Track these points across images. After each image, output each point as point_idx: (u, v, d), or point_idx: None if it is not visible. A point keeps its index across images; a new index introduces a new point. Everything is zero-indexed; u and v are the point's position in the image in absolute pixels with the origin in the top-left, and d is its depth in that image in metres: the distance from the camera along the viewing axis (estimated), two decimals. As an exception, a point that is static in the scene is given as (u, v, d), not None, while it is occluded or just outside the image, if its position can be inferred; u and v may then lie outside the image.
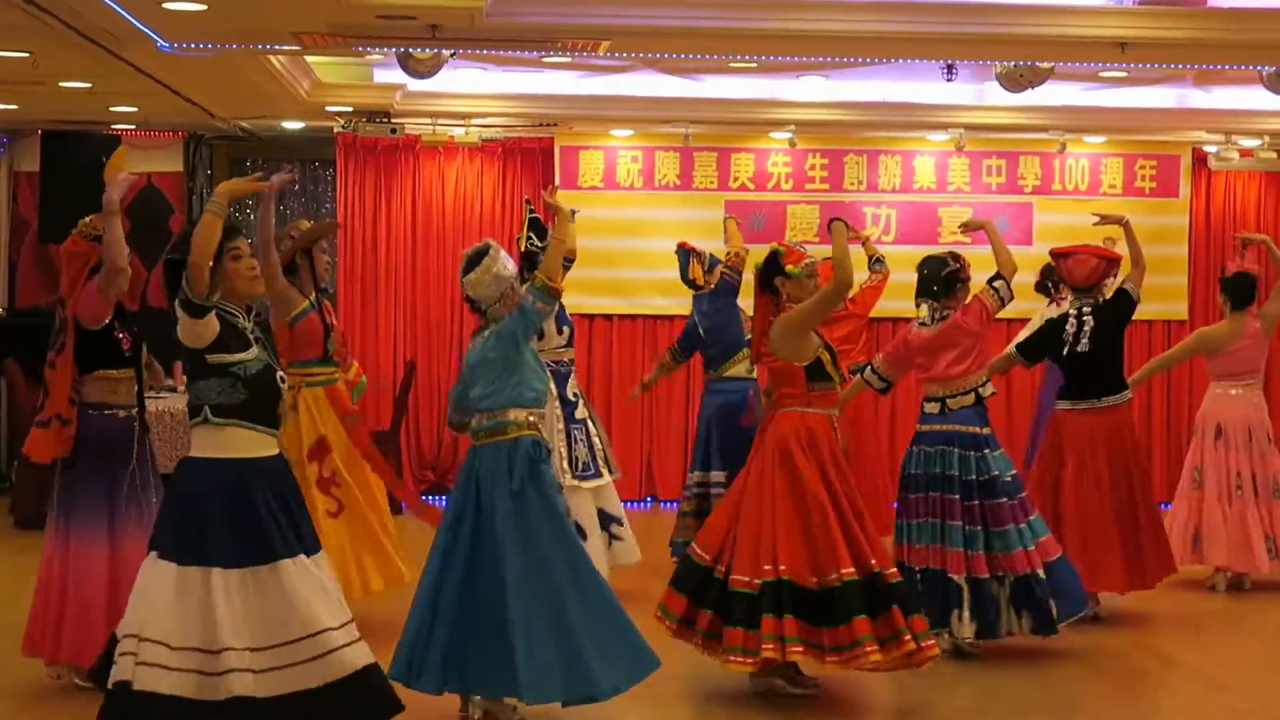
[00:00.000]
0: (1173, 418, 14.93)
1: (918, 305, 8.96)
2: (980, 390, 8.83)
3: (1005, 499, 8.72)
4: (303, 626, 6.26)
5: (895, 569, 7.81)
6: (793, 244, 8.21)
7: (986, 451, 8.76)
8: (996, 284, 8.78)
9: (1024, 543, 8.70)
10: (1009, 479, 8.78)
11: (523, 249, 10.09)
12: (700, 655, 7.85)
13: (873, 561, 7.66)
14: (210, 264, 6.25)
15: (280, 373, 6.52)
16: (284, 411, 6.61)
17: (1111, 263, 9.81)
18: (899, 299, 11.39)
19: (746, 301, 9.37)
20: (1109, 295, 9.81)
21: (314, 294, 9.02)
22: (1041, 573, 8.69)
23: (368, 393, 14.14)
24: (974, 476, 8.70)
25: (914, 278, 11.08)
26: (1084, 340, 9.63)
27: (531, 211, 10.42)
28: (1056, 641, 8.92)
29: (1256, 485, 10.61)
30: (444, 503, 14.23)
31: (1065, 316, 9.80)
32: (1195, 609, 10.29)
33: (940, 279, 8.83)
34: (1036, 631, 8.70)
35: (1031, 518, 8.81)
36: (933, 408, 8.85)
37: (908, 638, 7.56)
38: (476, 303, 7.36)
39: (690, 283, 10.94)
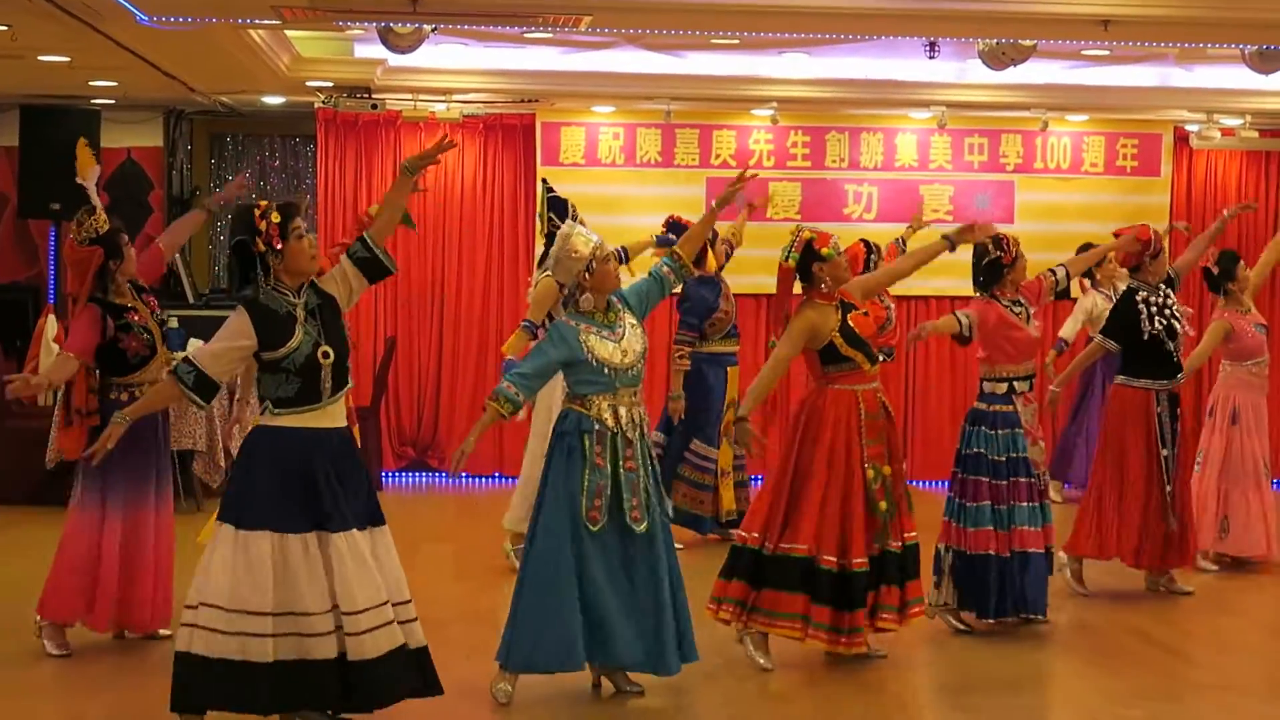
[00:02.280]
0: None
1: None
2: None
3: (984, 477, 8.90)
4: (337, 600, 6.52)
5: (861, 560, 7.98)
6: (810, 227, 8.29)
7: (977, 427, 8.93)
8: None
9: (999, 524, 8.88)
10: (991, 460, 8.91)
11: (543, 230, 10.09)
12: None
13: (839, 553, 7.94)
14: None
15: (324, 347, 6.60)
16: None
17: (1145, 243, 9.84)
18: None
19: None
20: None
21: None
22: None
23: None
24: (1017, 455, 8.86)
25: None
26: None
27: (550, 191, 10.42)
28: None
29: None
30: (425, 481, 14.24)
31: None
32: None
33: (984, 268, 8.97)
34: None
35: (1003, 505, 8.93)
36: (1000, 388, 8.91)
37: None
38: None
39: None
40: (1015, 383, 8.87)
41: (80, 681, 7.86)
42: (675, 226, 10.94)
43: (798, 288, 8.14)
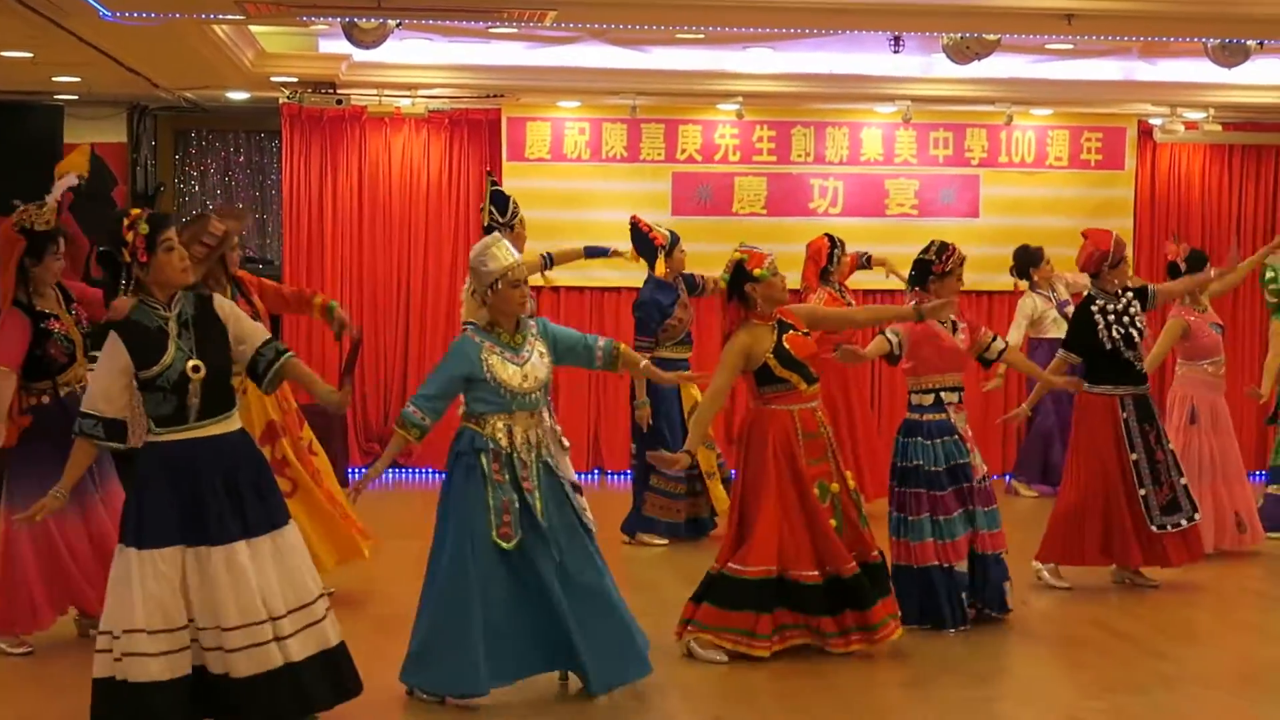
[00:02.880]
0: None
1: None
2: None
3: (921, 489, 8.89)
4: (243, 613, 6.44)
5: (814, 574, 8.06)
6: (747, 246, 8.28)
7: (915, 439, 8.88)
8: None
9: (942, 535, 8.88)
10: (926, 471, 8.89)
11: (485, 223, 10.08)
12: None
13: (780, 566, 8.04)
14: None
15: (194, 361, 6.47)
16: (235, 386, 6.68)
17: (1105, 252, 9.84)
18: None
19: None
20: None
21: (230, 283, 8.91)
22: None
23: (314, 366, 14.10)
24: (958, 462, 8.85)
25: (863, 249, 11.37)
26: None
27: (494, 184, 10.41)
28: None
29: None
30: (391, 477, 14.20)
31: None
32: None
33: (914, 264, 8.99)
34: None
35: (946, 515, 8.91)
36: (928, 399, 8.89)
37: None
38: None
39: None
40: (942, 393, 8.86)
41: (45, 679, 7.84)
42: (636, 232, 11.00)
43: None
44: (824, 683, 7.92)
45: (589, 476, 14.26)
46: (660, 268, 11.13)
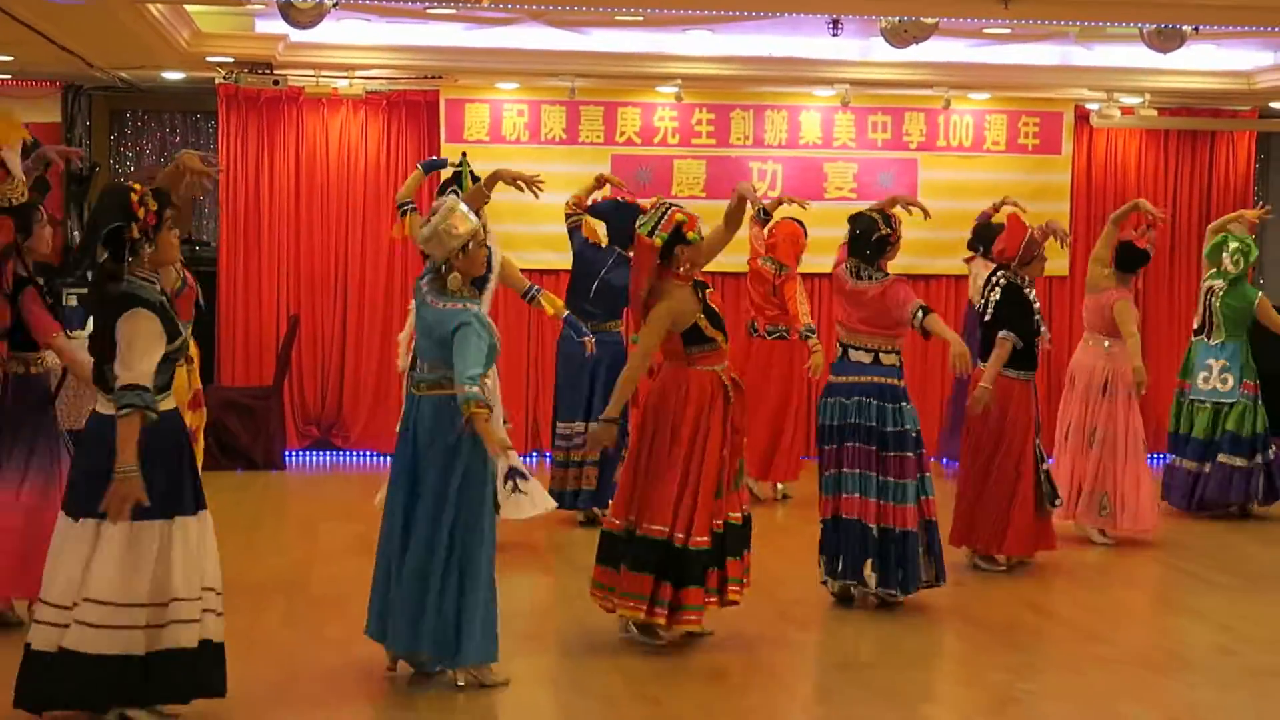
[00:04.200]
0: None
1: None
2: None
3: (913, 453, 8.91)
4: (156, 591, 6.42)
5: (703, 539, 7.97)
6: (677, 207, 8.23)
7: (904, 404, 8.91)
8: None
9: (926, 492, 8.95)
10: (916, 433, 8.95)
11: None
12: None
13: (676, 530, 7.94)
14: None
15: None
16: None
17: (1040, 243, 9.94)
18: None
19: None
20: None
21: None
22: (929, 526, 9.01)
23: (251, 348, 14.07)
24: (890, 428, 8.84)
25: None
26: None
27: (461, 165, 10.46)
28: (940, 594, 9.09)
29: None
30: (328, 460, 14.16)
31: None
32: (1072, 562, 10.46)
33: (872, 242, 8.94)
34: (936, 582, 9.02)
35: (926, 473, 8.99)
36: (864, 357, 8.92)
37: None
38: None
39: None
40: (881, 354, 8.95)
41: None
42: (621, 207, 11.04)
43: None
44: (759, 664, 7.95)
45: (529, 459, 14.22)
46: (591, 231, 11.33)
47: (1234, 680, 7.88)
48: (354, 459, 14.21)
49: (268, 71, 13.39)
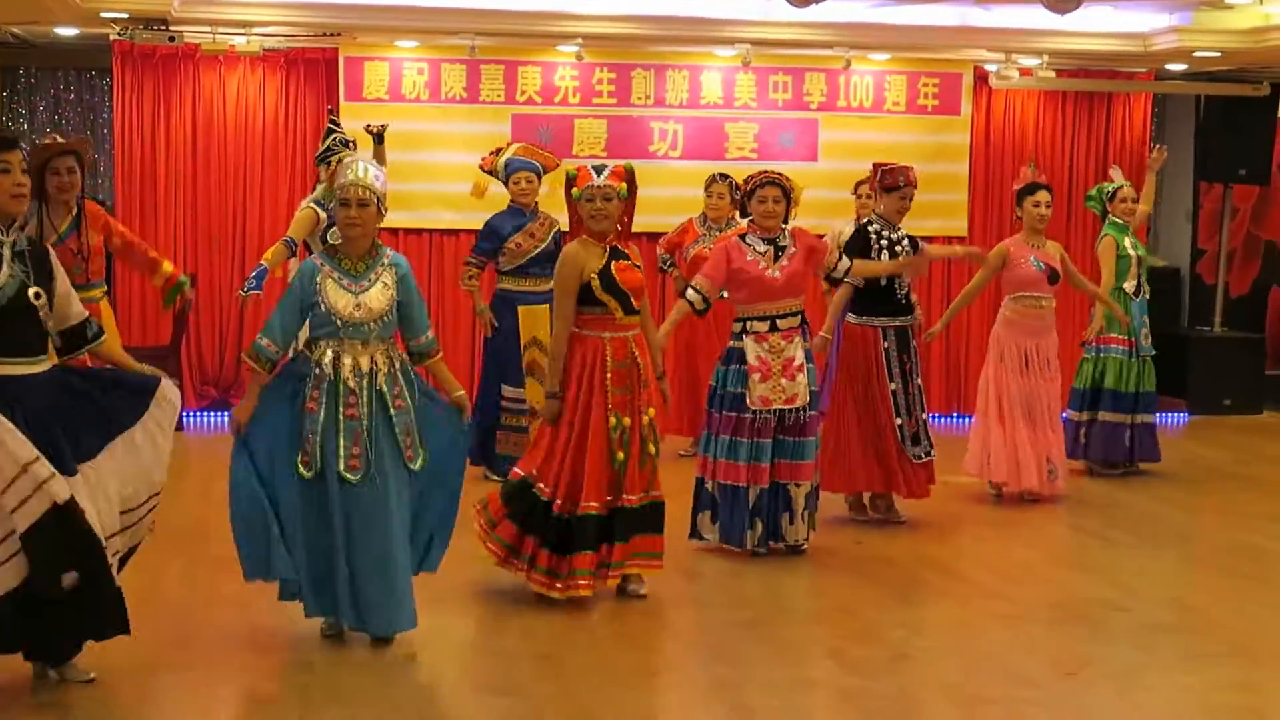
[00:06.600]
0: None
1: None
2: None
3: (814, 412, 9.12)
4: None
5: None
6: (585, 166, 8.29)
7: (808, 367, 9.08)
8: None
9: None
10: (814, 392, 9.12)
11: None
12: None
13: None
14: None
15: (34, 289, 6.37)
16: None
17: (911, 182, 10.07)
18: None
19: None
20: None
21: (73, 214, 8.81)
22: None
23: (150, 308, 13.89)
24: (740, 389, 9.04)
25: (700, 194, 11.40)
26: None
27: (334, 123, 10.42)
28: (835, 549, 9.18)
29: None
30: (227, 420, 14.02)
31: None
32: (974, 518, 10.58)
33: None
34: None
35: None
36: (761, 325, 8.98)
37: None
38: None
39: None
40: (750, 322, 9.03)
41: None
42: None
43: None
44: (661, 622, 8.00)
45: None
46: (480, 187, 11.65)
47: (1125, 634, 7.98)
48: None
49: (163, 28, 13.19)
